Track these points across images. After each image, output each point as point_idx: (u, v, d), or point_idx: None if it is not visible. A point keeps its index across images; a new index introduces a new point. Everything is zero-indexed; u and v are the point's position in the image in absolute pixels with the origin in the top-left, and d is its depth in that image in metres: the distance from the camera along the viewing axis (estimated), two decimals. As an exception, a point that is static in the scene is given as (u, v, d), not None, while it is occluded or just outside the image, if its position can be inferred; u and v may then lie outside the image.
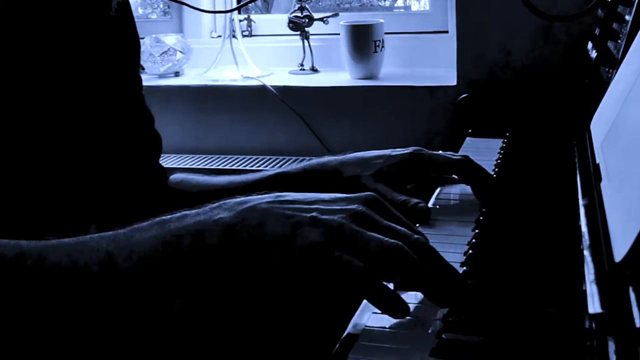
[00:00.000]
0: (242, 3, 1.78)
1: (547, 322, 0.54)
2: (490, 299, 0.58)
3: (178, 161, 1.66)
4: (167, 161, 1.66)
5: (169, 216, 0.56)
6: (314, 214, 0.55)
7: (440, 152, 0.89)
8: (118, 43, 0.79)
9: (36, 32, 0.67)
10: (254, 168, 1.60)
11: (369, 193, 0.60)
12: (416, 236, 0.57)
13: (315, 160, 0.88)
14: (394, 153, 0.87)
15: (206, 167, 1.61)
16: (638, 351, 0.42)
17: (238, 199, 0.57)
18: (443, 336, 0.52)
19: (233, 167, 1.60)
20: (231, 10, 1.75)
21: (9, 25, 0.65)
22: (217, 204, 0.57)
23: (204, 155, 1.68)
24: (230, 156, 1.68)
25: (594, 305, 0.50)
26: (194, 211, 0.56)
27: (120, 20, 0.78)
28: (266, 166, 1.61)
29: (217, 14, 1.90)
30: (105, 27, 0.76)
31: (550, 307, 0.56)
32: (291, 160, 1.62)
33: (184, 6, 1.90)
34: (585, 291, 0.56)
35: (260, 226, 0.54)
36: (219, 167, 1.60)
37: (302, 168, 0.88)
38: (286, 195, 0.58)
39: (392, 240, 0.55)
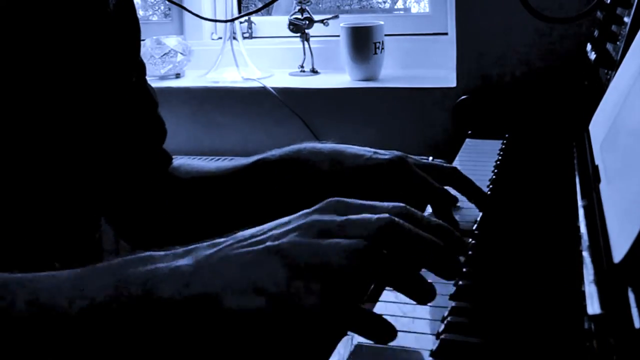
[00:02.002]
0: (243, 13, 1.79)
1: (546, 323, 0.54)
2: (489, 300, 0.59)
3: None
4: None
5: (131, 256, 0.51)
6: (267, 244, 0.50)
7: (425, 164, 0.83)
8: (118, 31, 0.78)
9: (34, 22, 0.67)
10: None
11: (330, 199, 0.55)
12: (377, 218, 0.52)
13: (294, 147, 0.85)
14: (374, 155, 0.82)
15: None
16: (638, 352, 0.43)
17: (211, 242, 0.52)
18: (443, 337, 0.52)
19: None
20: (232, 20, 1.76)
21: (6, 18, 0.64)
22: (187, 248, 0.52)
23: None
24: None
25: (593, 306, 0.51)
26: (160, 253, 0.51)
27: (119, 11, 0.78)
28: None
29: (217, 15, 1.91)
30: (104, 20, 0.76)
31: (549, 308, 0.56)
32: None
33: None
34: (584, 292, 0.56)
35: (216, 274, 0.49)
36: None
37: (279, 156, 0.85)
38: (241, 234, 0.53)
39: (350, 241, 0.50)
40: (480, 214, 0.79)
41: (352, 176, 0.80)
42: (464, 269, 0.64)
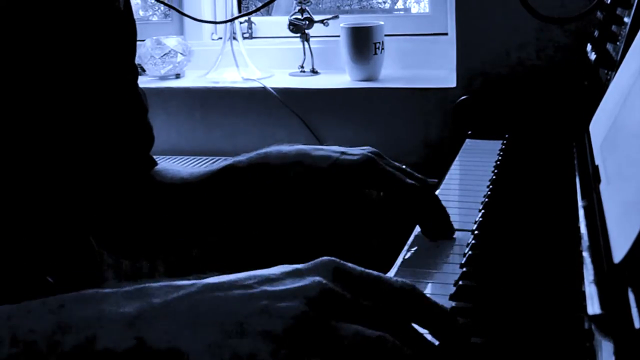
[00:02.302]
0: (241, 14, 1.79)
1: (547, 323, 0.54)
2: (490, 300, 0.59)
3: (178, 163, 1.66)
4: (167, 163, 1.66)
5: (73, 295, 0.44)
6: (263, 302, 0.42)
7: (397, 166, 0.77)
8: (118, 33, 0.78)
9: (30, 22, 0.66)
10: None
11: (325, 259, 0.47)
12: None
13: (261, 152, 0.81)
14: (342, 157, 0.76)
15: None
16: (637, 353, 0.43)
17: (161, 286, 0.44)
18: (443, 337, 0.52)
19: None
20: (231, 20, 1.76)
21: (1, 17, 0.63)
22: (138, 287, 0.44)
23: (205, 157, 1.69)
24: (230, 158, 1.68)
25: (593, 307, 0.51)
26: (106, 291, 0.44)
27: (119, 16, 0.78)
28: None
29: (217, 16, 1.91)
30: (112, 20, 0.75)
31: (549, 308, 0.56)
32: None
33: (185, 8, 1.91)
34: (584, 292, 0.56)
35: (187, 329, 0.41)
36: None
37: (248, 161, 0.81)
38: (215, 282, 0.44)
39: (375, 333, 0.43)
40: (480, 214, 0.79)
41: (321, 179, 0.76)
42: (464, 269, 0.64)
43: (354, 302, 0.44)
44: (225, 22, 1.76)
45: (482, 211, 0.79)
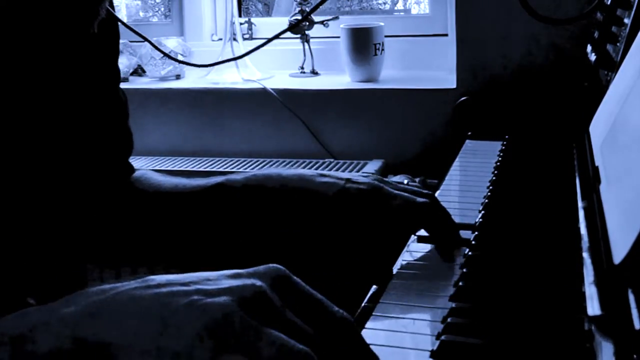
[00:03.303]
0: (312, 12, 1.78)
1: (547, 324, 0.54)
2: (489, 301, 0.59)
3: (178, 164, 1.66)
4: (167, 163, 1.66)
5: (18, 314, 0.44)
6: (193, 297, 0.43)
7: (404, 187, 0.76)
8: (98, 37, 0.77)
9: (6, 28, 0.65)
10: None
11: (272, 266, 0.46)
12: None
13: (258, 174, 0.78)
14: (348, 185, 0.74)
15: (206, 169, 1.61)
16: (637, 353, 0.43)
17: (103, 287, 0.45)
18: (443, 338, 0.52)
19: (233, 170, 1.60)
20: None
21: None
22: (69, 296, 0.45)
23: (205, 158, 1.69)
24: (230, 159, 1.68)
25: (593, 307, 0.51)
26: (36, 307, 0.44)
27: (101, 26, 0.77)
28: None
29: (217, 16, 1.91)
30: (85, 41, 0.73)
31: (549, 308, 0.56)
32: (291, 163, 1.62)
33: (185, 9, 1.91)
34: (584, 293, 0.56)
35: (118, 323, 0.42)
36: (219, 169, 1.61)
37: (243, 182, 0.78)
38: (155, 279, 0.45)
39: (299, 347, 0.42)
40: (480, 215, 0.79)
41: (325, 207, 0.74)
42: (464, 270, 0.64)
43: (286, 312, 0.44)
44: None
45: (482, 212, 0.79)
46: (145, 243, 0.83)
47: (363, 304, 0.63)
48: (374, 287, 0.66)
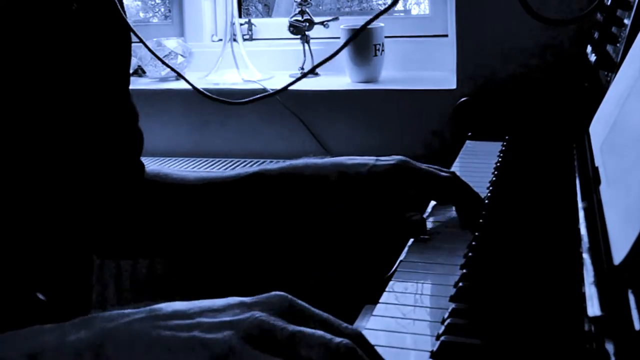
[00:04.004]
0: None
1: (547, 324, 0.54)
2: (490, 302, 0.59)
3: (179, 165, 1.66)
4: (168, 165, 1.66)
5: (13, 332, 0.45)
6: (194, 332, 0.43)
7: (427, 166, 0.84)
8: (111, 42, 0.78)
9: (22, 30, 0.66)
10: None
11: (274, 294, 0.47)
12: (337, 343, 0.43)
13: (293, 163, 0.84)
14: (378, 162, 0.82)
15: (206, 170, 1.61)
16: (637, 354, 0.43)
17: (112, 313, 0.46)
18: (443, 338, 0.52)
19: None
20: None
21: None
22: (82, 319, 0.46)
23: (205, 159, 1.69)
24: (231, 159, 1.68)
25: (593, 308, 0.51)
26: (48, 326, 0.46)
27: (110, 32, 0.77)
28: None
29: (217, 17, 1.91)
30: (105, 29, 0.75)
31: (549, 309, 0.56)
32: (291, 164, 1.62)
33: (185, 10, 1.91)
34: (584, 294, 0.56)
35: (124, 355, 0.43)
36: (219, 170, 1.60)
37: (279, 171, 0.83)
38: (162, 310, 0.46)
39: None
40: (481, 215, 0.79)
41: (360, 185, 0.80)
42: (464, 271, 0.64)
43: (291, 341, 0.44)
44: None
45: (482, 212, 0.79)
46: (175, 233, 0.85)
47: (363, 309, 0.63)
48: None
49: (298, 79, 1.06)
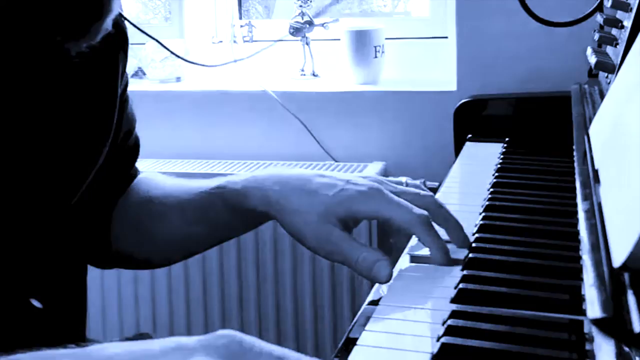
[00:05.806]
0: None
1: (547, 326, 0.54)
2: (490, 303, 0.59)
3: (179, 166, 1.66)
4: (168, 166, 1.66)
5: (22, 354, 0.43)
6: None
7: (404, 190, 0.75)
8: (99, 63, 0.76)
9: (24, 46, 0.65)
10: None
11: (221, 334, 0.43)
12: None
13: (257, 178, 0.76)
14: (347, 185, 0.73)
15: (206, 171, 1.61)
16: (637, 356, 0.43)
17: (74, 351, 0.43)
18: (443, 340, 0.52)
19: (233, 173, 1.60)
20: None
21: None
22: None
23: (205, 161, 1.69)
24: (230, 161, 1.68)
25: (593, 310, 0.51)
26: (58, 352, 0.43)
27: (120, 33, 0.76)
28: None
29: (217, 19, 1.91)
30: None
31: (549, 311, 0.56)
32: (291, 166, 1.62)
33: (186, 11, 1.91)
34: (584, 296, 0.56)
35: None
36: (219, 172, 1.61)
37: (242, 185, 0.76)
38: (111, 354, 0.42)
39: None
40: (481, 217, 0.79)
41: (325, 209, 0.72)
42: (465, 272, 0.64)
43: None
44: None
45: (483, 214, 0.79)
46: (145, 245, 0.84)
47: (364, 306, 0.63)
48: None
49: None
